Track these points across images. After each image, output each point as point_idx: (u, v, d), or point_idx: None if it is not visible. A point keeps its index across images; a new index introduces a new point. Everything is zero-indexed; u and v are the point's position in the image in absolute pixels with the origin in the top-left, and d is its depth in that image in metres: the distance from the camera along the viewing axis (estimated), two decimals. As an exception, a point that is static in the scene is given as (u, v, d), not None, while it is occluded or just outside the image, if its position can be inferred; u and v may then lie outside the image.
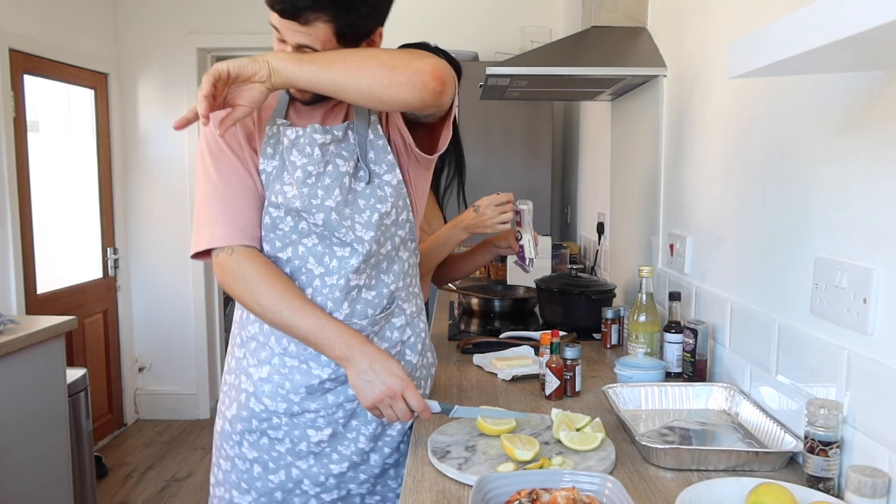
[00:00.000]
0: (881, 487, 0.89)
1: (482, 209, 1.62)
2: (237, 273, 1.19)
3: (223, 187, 1.21)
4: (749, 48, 0.83)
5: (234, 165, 1.22)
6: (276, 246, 1.24)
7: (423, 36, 3.73)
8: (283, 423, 1.27)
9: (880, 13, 0.56)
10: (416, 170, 1.32)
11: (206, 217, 1.21)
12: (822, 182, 1.12)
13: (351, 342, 1.16)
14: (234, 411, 1.30)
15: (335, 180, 1.22)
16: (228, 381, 1.34)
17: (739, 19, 1.45)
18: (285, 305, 1.17)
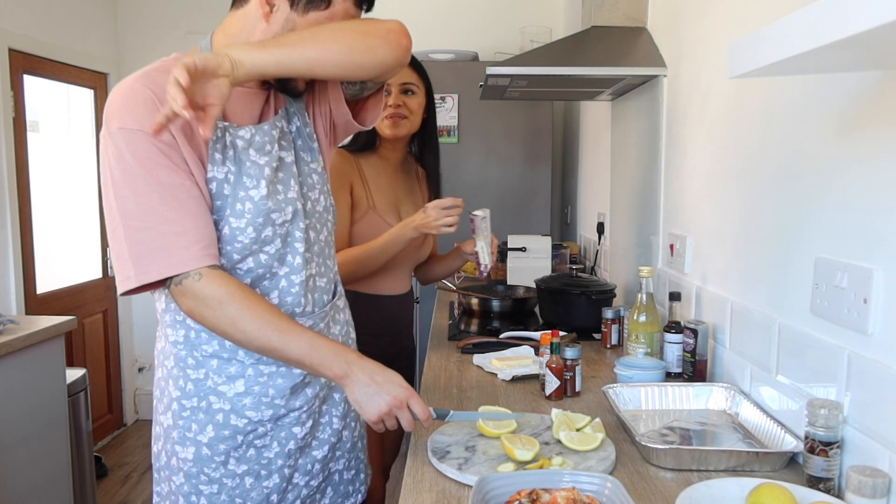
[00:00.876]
0: (881, 487, 0.89)
1: (428, 211, 1.69)
2: (212, 299, 1.07)
3: (175, 204, 1.07)
4: (749, 48, 0.83)
5: (181, 178, 1.08)
6: (233, 259, 1.15)
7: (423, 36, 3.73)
8: (268, 429, 1.23)
9: (880, 13, 0.56)
10: (329, 155, 1.35)
11: (160, 242, 1.07)
12: (822, 182, 1.12)
13: (348, 358, 1.12)
14: (211, 434, 1.20)
15: (287, 172, 1.20)
16: (188, 406, 1.20)
17: (739, 19, 1.45)
18: (272, 329, 1.09)
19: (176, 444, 1.22)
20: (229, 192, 1.14)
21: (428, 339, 2.04)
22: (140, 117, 1.06)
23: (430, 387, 1.53)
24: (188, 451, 1.21)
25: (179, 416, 1.21)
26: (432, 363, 1.73)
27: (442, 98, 3.22)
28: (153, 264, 1.07)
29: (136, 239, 1.08)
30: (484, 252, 1.87)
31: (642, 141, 2.15)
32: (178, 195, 1.07)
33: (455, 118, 3.24)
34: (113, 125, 1.07)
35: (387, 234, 1.74)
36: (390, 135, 1.83)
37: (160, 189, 1.06)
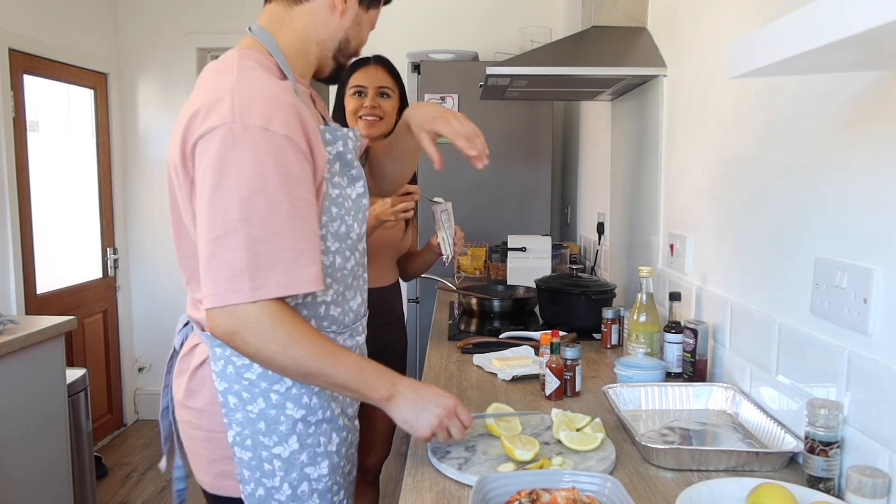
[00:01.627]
0: (881, 487, 0.89)
1: (385, 199, 1.80)
2: (263, 324, 0.99)
3: (301, 221, 1.01)
4: (749, 48, 0.83)
5: (311, 196, 1.03)
6: (345, 256, 1.15)
7: (423, 36, 3.73)
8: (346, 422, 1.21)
9: (880, 13, 0.56)
10: None
11: (282, 256, 0.99)
12: (822, 182, 1.12)
13: (393, 378, 1.08)
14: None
15: (359, 172, 1.21)
16: (271, 414, 1.12)
17: (739, 19, 1.45)
18: (323, 354, 1.02)
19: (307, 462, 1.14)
20: (338, 192, 1.12)
21: (428, 339, 2.04)
22: (287, 122, 1.00)
23: (430, 387, 1.53)
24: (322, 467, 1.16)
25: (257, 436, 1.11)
26: (432, 363, 1.73)
27: (442, 98, 3.22)
28: (272, 279, 0.98)
29: (257, 249, 0.97)
30: (445, 243, 1.99)
31: (642, 141, 2.15)
32: (305, 212, 1.01)
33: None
34: (252, 121, 0.97)
35: None
36: (366, 134, 1.91)
37: (292, 202, 0.99)
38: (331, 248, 1.12)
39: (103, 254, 3.99)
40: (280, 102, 1.01)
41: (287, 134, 0.99)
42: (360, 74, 1.96)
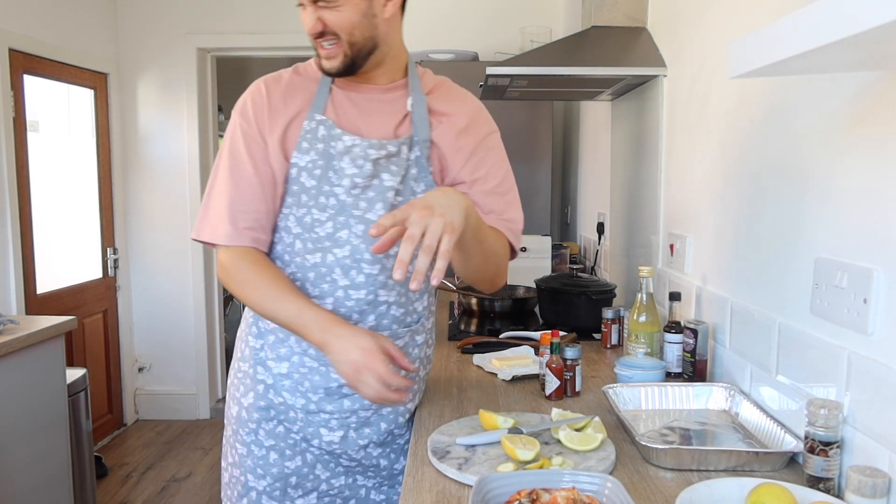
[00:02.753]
0: (881, 487, 0.89)
1: None
2: (231, 269, 1.20)
3: (239, 181, 1.21)
4: (749, 48, 0.83)
5: (255, 161, 1.21)
6: (307, 247, 1.23)
7: (423, 36, 3.73)
8: (298, 417, 1.29)
9: (880, 13, 0.56)
10: None
11: (215, 209, 1.22)
12: (822, 182, 1.12)
13: (326, 326, 1.13)
14: (250, 400, 1.31)
15: (379, 193, 1.22)
16: (242, 368, 1.33)
17: (739, 19, 1.45)
18: (270, 296, 1.17)
19: (230, 398, 1.37)
20: (314, 184, 1.21)
21: (428, 339, 2.04)
22: (244, 109, 1.24)
23: (430, 387, 1.53)
24: (233, 408, 1.35)
25: (235, 375, 1.35)
26: (432, 363, 1.73)
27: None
28: (203, 226, 1.23)
29: (207, 196, 1.24)
30: None
31: (642, 141, 2.15)
32: (244, 178, 1.21)
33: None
34: (237, 105, 1.27)
35: None
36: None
37: (230, 170, 1.22)
38: (292, 229, 1.25)
39: (103, 254, 4.00)
40: (253, 92, 1.25)
41: (242, 117, 1.23)
42: None
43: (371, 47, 1.20)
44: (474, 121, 1.31)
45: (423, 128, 1.25)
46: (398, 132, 1.26)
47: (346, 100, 1.26)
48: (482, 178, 1.28)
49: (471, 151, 1.28)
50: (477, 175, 1.28)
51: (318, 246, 1.23)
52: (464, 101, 1.32)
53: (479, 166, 1.28)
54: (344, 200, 1.22)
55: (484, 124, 1.32)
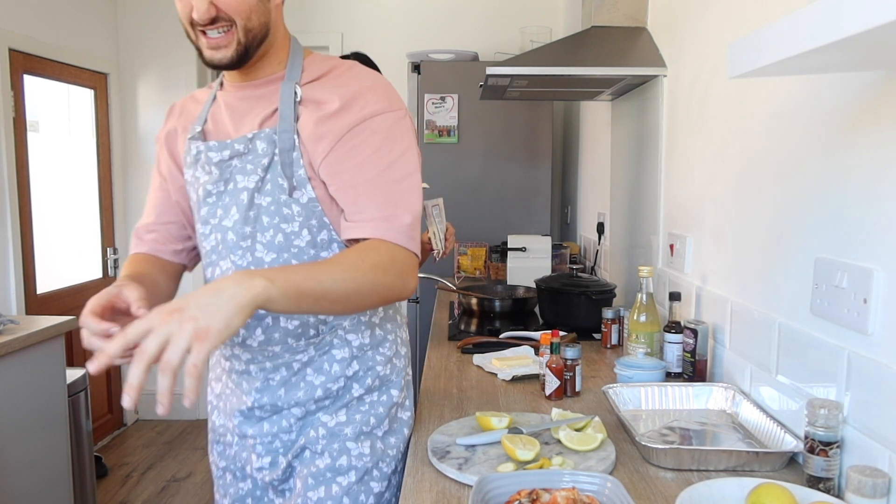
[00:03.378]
0: (881, 487, 0.89)
1: None
2: None
3: (151, 198, 1.33)
4: (749, 48, 0.83)
5: (157, 176, 1.32)
6: (203, 262, 1.24)
7: (423, 36, 3.73)
8: (234, 441, 1.25)
9: (880, 13, 0.56)
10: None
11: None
12: (823, 182, 1.12)
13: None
14: (209, 418, 1.33)
15: (233, 198, 1.14)
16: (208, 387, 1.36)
17: (739, 19, 1.45)
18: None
19: None
20: (194, 198, 1.21)
21: (428, 339, 2.04)
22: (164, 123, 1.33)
23: (430, 387, 1.53)
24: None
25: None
26: (432, 363, 1.73)
27: (442, 98, 3.22)
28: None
29: None
30: (436, 238, 1.97)
31: (642, 141, 2.15)
32: (153, 191, 1.33)
33: (455, 118, 3.24)
34: None
35: None
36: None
37: (152, 181, 1.35)
38: (195, 220, 1.26)
39: (103, 254, 3.99)
40: (166, 114, 1.32)
41: (157, 140, 1.32)
42: None
43: (263, 34, 1.10)
44: (351, 103, 1.09)
45: (286, 118, 1.11)
46: (262, 128, 1.14)
47: (224, 106, 1.19)
48: (350, 170, 1.08)
49: (335, 139, 1.08)
50: (343, 166, 1.08)
51: (208, 260, 1.21)
52: (348, 84, 1.12)
53: (348, 157, 1.08)
54: (199, 213, 1.19)
55: (365, 106, 1.09)
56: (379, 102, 1.11)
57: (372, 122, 1.09)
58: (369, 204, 1.07)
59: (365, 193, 1.08)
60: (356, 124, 1.09)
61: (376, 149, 1.09)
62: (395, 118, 1.11)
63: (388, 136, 1.10)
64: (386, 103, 1.11)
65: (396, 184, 1.09)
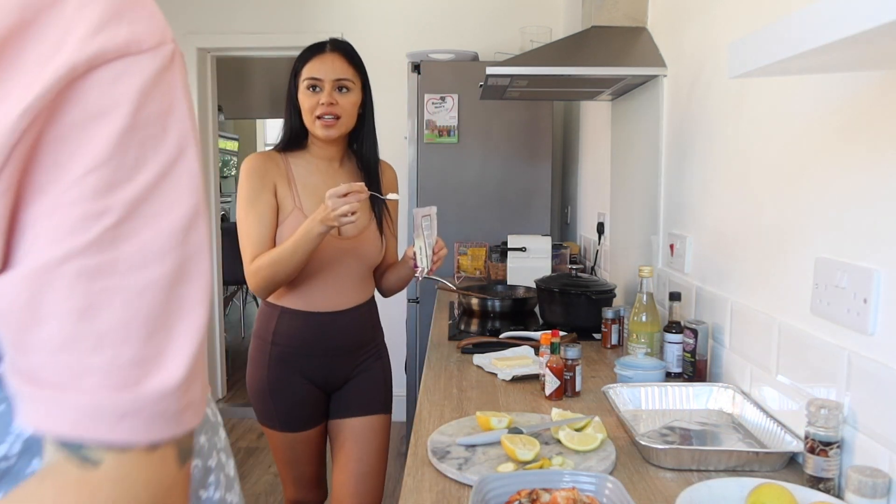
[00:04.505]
0: (881, 487, 0.89)
1: (326, 200, 1.53)
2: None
3: None
4: (749, 48, 0.83)
5: None
6: None
7: (423, 36, 3.73)
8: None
9: (881, 13, 0.56)
10: None
11: None
12: (823, 182, 1.12)
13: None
14: None
15: None
16: None
17: (739, 19, 1.45)
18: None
19: None
20: None
21: (428, 339, 2.04)
22: None
23: (430, 387, 1.53)
24: None
25: None
26: (432, 363, 1.73)
27: (442, 98, 3.22)
28: None
29: None
30: (422, 253, 1.71)
31: (642, 141, 2.15)
32: None
33: (455, 118, 3.24)
34: None
35: (297, 231, 1.61)
36: (324, 137, 1.70)
37: None
38: None
39: (103, 254, 3.99)
40: None
41: None
42: (314, 65, 1.68)
43: None
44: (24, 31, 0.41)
45: None
46: None
47: None
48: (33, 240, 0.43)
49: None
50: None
51: None
52: None
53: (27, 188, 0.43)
54: None
55: (63, 39, 0.41)
56: (102, 30, 0.43)
57: (85, 83, 0.42)
58: (62, 336, 0.41)
59: (55, 301, 0.41)
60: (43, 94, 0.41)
61: (92, 168, 0.42)
62: (147, 69, 0.45)
63: (127, 130, 0.43)
64: (124, 30, 0.44)
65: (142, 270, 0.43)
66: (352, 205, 1.51)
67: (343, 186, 1.52)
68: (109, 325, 0.41)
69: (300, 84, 1.70)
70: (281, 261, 1.61)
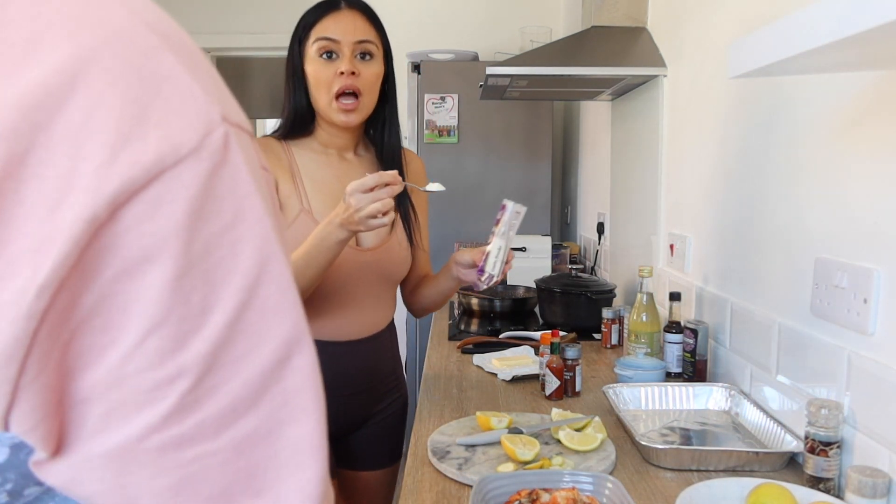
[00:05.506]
0: (881, 487, 0.89)
1: (348, 198, 1.17)
2: None
3: None
4: (749, 48, 0.83)
5: None
6: None
7: (423, 36, 3.73)
8: None
9: (880, 13, 0.56)
10: None
11: None
12: (823, 182, 1.12)
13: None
14: None
15: None
16: None
17: (739, 19, 1.45)
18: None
19: None
20: None
21: (428, 339, 2.04)
22: None
23: (430, 387, 1.53)
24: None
25: None
26: (432, 363, 1.73)
27: (442, 98, 3.22)
28: None
29: None
30: (497, 257, 1.37)
31: (642, 141, 2.15)
32: None
33: (455, 118, 3.24)
34: None
35: (308, 239, 1.23)
36: (342, 122, 1.33)
37: None
38: None
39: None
40: None
41: None
42: (328, 23, 1.30)
43: None
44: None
45: None
46: None
47: None
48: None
49: None
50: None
51: None
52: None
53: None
54: None
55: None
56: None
57: (115, 227, 0.30)
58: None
59: (143, 482, 0.36)
60: (61, 263, 0.30)
61: (150, 329, 0.32)
62: (193, 181, 0.32)
63: (183, 270, 0.32)
64: (153, 139, 0.31)
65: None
66: (383, 201, 1.16)
67: (370, 178, 1.17)
68: (210, 493, 0.35)
69: (308, 50, 1.31)
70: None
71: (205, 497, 0.35)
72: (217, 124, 0.33)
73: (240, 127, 0.35)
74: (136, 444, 0.33)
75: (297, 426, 0.37)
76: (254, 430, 0.35)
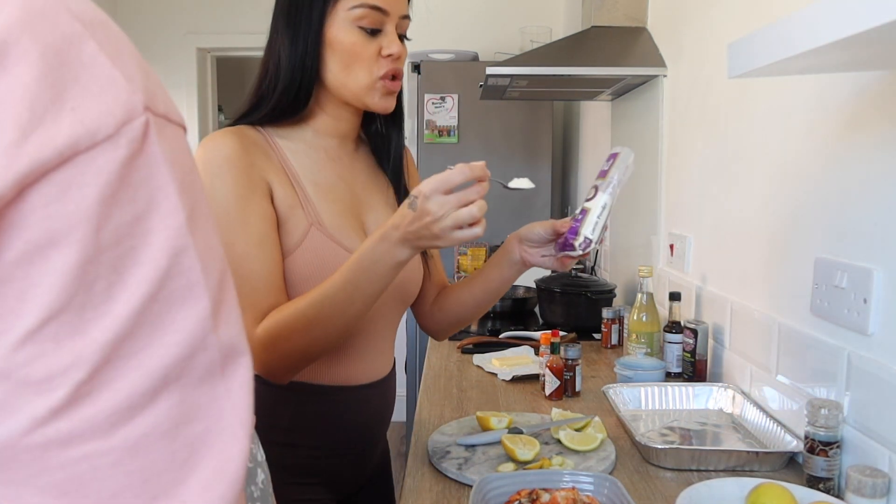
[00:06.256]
0: (881, 487, 0.89)
1: (426, 203, 0.89)
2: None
3: None
4: (749, 48, 0.83)
5: None
6: None
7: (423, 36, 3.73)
8: None
9: (880, 13, 0.56)
10: None
11: None
12: (822, 182, 1.12)
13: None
14: None
15: None
16: None
17: (739, 19, 1.45)
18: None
19: None
20: None
21: (428, 339, 2.04)
22: None
23: (430, 387, 1.53)
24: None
25: None
26: (432, 363, 1.73)
27: (442, 98, 3.22)
28: None
29: None
30: (598, 216, 1.07)
31: (642, 141, 2.15)
32: None
33: (455, 118, 3.24)
34: None
35: (348, 264, 0.92)
36: (382, 108, 1.07)
37: None
38: None
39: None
40: None
41: None
42: None
43: None
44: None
45: None
46: None
47: None
48: None
49: None
50: None
51: None
52: None
53: None
54: None
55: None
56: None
57: (20, 208, 0.30)
58: None
59: (25, 481, 0.34)
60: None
61: (49, 315, 0.31)
62: (107, 166, 0.31)
63: (89, 256, 0.32)
64: (67, 122, 0.31)
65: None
66: (477, 205, 0.93)
67: (455, 172, 0.92)
68: (99, 496, 0.32)
69: (338, 12, 0.99)
70: (329, 315, 0.91)
71: (93, 501, 0.32)
72: (138, 113, 0.32)
73: (167, 118, 0.35)
74: (17, 440, 0.30)
75: (205, 419, 0.35)
76: (151, 430, 0.33)
